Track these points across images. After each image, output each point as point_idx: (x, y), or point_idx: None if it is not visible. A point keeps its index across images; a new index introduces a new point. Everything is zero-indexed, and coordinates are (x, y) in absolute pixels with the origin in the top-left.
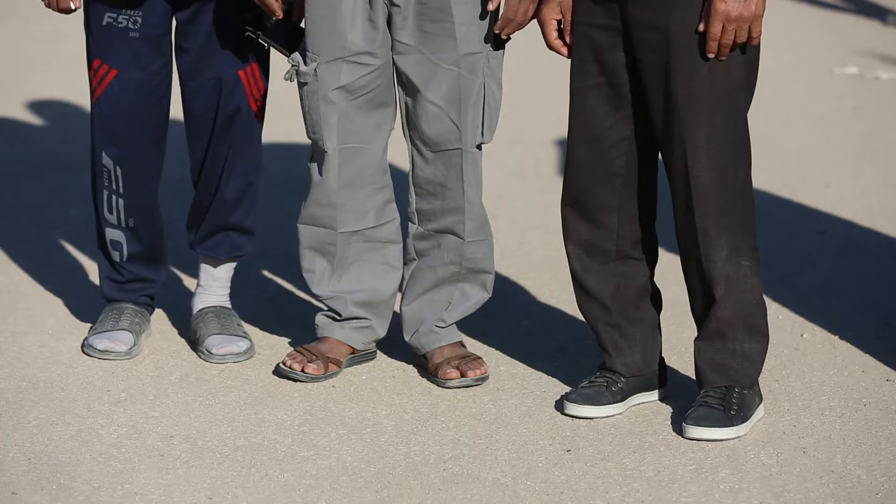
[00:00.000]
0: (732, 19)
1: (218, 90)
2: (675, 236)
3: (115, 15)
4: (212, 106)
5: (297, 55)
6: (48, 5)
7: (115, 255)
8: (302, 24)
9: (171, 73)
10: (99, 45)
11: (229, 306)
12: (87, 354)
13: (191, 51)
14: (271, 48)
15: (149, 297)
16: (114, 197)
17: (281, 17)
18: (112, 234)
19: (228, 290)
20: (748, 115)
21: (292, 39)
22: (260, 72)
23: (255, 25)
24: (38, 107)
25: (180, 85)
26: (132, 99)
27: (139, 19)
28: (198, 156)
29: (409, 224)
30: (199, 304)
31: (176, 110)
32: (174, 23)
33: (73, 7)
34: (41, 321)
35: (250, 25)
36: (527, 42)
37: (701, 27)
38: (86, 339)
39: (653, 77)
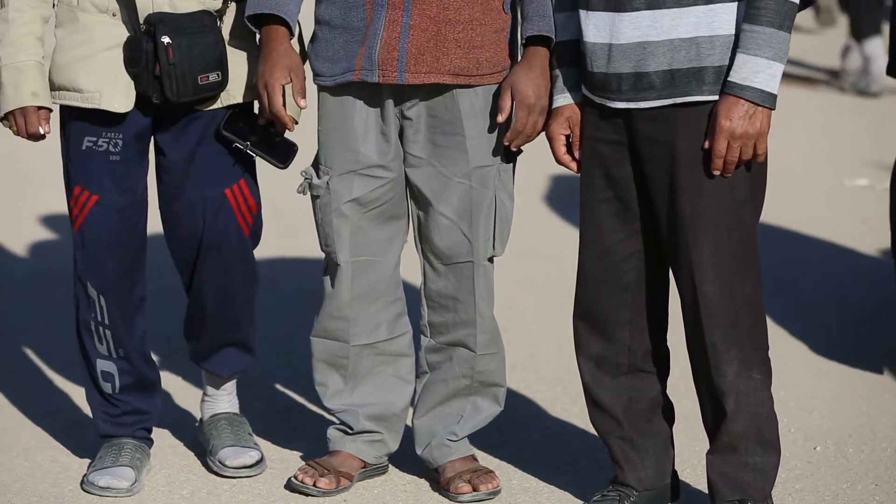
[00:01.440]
0: (737, 136)
1: (202, 211)
2: (686, 349)
3: (94, 139)
4: (196, 229)
5: (310, 168)
6: (17, 133)
7: (107, 387)
8: (287, 136)
9: (147, 194)
10: (78, 170)
11: (238, 412)
12: (87, 492)
13: (172, 170)
14: (260, 160)
15: (146, 431)
16: (101, 328)
17: (292, 129)
18: (103, 365)
19: (235, 394)
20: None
21: (282, 149)
22: (249, 189)
23: (241, 137)
24: (48, 221)
25: (160, 206)
26: (114, 225)
27: (119, 141)
28: (186, 277)
29: (422, 337)
30: (209, 410)
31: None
32: (152, 140)
33: (42, 132)
34: (53, 436)
35: (237, 136)
36: (537, 154)
37: (706, 144)
38: (85, 476)
39: (659, 192)
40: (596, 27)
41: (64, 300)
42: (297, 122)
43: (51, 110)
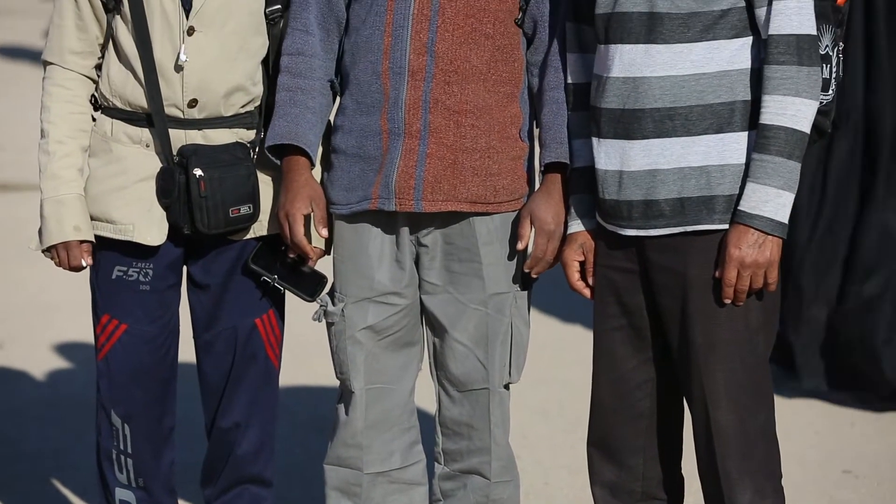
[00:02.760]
0: (747, 265)
1: (233, 340)
2: (698, 476)
3: (125, 268)
4: (227, 357)
5: (325, 296)
6: (59, 264)
7: None
8: (317, 267)
9: (179, 323)
10: (108, 299)
11: None
12: None
13: (204, 300)
14: (288, 292)
15: None
16: (122, 456)
17: (316, 259)
18: (122, 493)
19: None
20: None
21: (310, 282)
22: (276, 318)
23: (269, 270)
24: (63, 349)
25: (194, 336)
26: (141, 354)
27: (150, 271)
28: (211, 409)
29: (435, 464)
30: None
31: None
32: (184, 271)
33: (84, 265)
34: None
35: (265, 270)
36: (551, 281)
37: (717, 273)
38: None
39: (671, 320)
40: (607, 154)
41: (78, 428)
42: (326, 252)
43: (93, 243)
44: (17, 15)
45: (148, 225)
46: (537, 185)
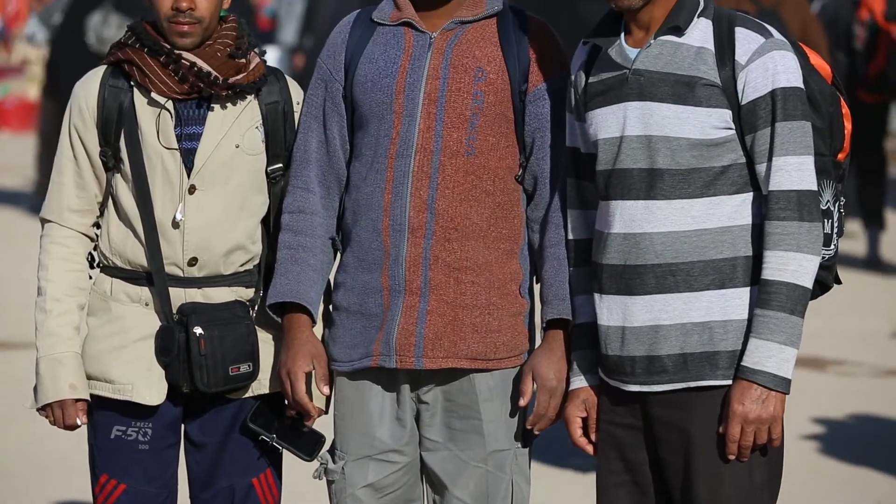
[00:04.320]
0: (751, 421)
1: (230, 500)
2: None
3: (123, 427)
4: None
5: (325, 453)
6: (54, 423)
7: None
8: (315, 426)
9: (177, 482)
10: (106, 459)
11: None
12: None
13: (201, 459)
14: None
15: None
16: None
17: (317, 418)
18: None
19: None
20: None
21: (308, 442)
22: (274, 477)
23: (268, 428)
24: None
25: (190, 496)
26: None
27: (149, 430)
28: None
29: None
30: None
31: None
32: (182, 430)
33: (79, 423)
34: None
35: (264, 429)
36: (552, 436)
37: (721, 429)
38: None
39: (675, 476)
40: (609, 310)
41: None
42: (325, 412)
43: (88, 401)
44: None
45: (147, 384)
46: (538, 340)
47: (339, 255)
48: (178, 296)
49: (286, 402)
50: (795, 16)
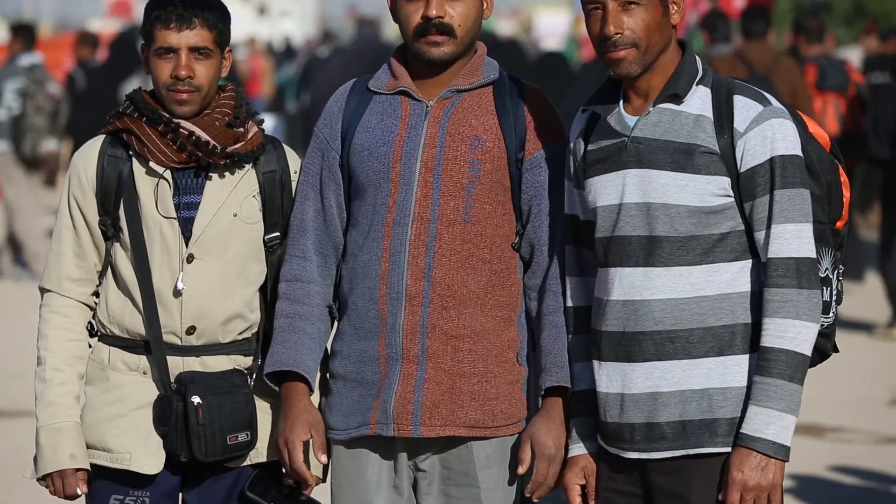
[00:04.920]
0: (750, 488)
1: None
2: None
3: (121, 496)
4: None
5: None
6: (54, 493)
7: None
8: (313, 495)
9: None
10: None
11: None
12: None
13: None
14: None
15: None
16: None
17: (315, 486)
18: None
19: None
20: None
21: None
22: None
23: (265, 497)
24: None
25: None
26: None
27: (146, 499)
28: None
29: None
30: None
31: None
32: (180, 498)
33: (79, 493)
34: None
35: (262, 497)
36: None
37: (721, 496)
38: None
39: None
40: (608, 377)
41: None
42: (322, 480)
43: (88, 470)
44: None
45: (145, 453)
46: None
47: (335, 322)
48: (177, 364)
49: (284, 470)
50: (787, 82)
